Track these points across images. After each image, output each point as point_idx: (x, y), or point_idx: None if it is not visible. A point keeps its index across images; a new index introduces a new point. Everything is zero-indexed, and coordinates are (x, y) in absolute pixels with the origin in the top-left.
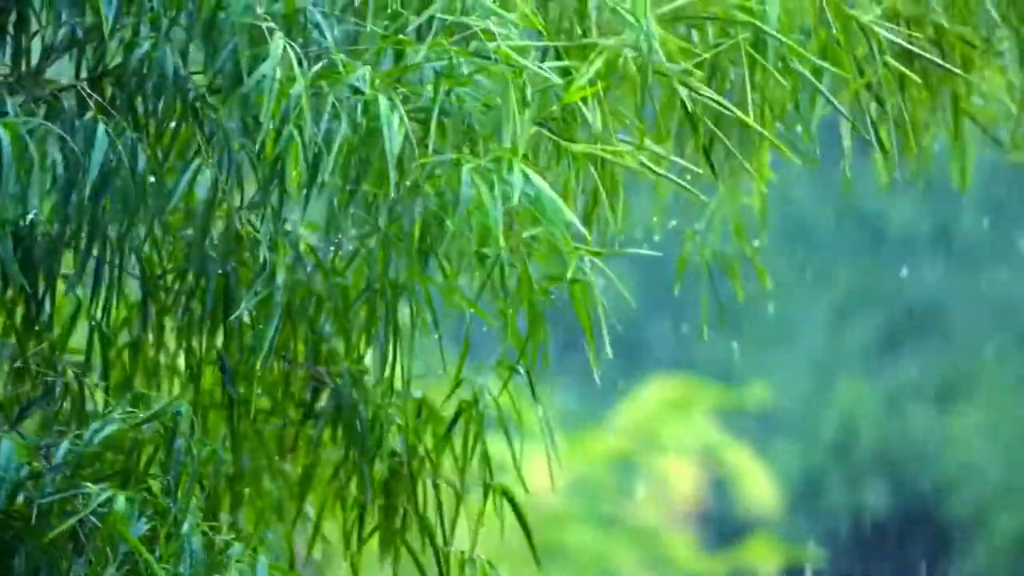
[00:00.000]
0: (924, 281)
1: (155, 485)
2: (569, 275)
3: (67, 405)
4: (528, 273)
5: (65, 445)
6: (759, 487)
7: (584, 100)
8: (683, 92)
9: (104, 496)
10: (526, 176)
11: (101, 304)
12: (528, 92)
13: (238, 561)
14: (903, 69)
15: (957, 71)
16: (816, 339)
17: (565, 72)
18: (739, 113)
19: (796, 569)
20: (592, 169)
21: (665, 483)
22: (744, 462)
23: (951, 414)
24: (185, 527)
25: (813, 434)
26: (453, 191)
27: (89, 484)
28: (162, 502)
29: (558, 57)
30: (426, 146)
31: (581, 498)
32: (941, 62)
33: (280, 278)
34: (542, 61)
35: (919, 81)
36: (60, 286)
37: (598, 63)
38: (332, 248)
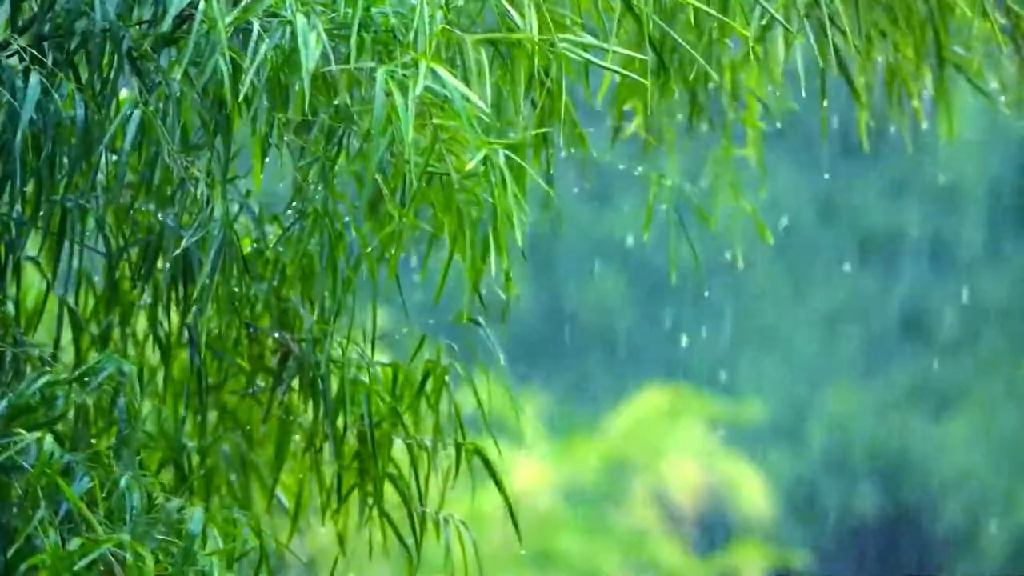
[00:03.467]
0: (915, 289)
1: (101, 445)
2: (472, 166)
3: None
4: (450, 177)
5: (3, 403)
6: (752, 493)
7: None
8: None
9: (33, 437)
10: (433, 72)
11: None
12: None
13: (179, 511)
14: None
15: None
16: (808, 347)
17: None
18: None
19: (786, 574)
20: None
21: (657, 489)
22: (737, 469)
23: (942, 422)
24: (123, 482)
25: (805, 441)
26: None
27: (22, 431)
28: (106, 461)
29: None
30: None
31: (572, 503)
32: None
33: (218, 211)
34: None
35: None
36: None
37: None
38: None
